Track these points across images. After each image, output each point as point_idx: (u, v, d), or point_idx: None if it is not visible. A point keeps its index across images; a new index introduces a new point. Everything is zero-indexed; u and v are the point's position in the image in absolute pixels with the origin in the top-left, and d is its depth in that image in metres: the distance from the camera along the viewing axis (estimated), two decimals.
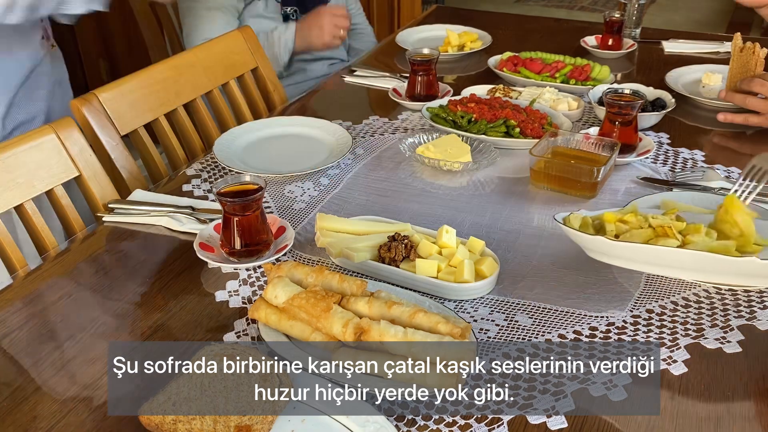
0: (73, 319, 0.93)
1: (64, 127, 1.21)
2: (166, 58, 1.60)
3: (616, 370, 0.83)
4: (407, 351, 0.75)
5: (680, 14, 5.25)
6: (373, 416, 0.73)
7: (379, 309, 0.82)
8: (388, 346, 0.77)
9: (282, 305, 0.83)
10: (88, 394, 0.80)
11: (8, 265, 1.11)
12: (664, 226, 0.96)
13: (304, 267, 0.88)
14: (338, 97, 1.72)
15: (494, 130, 1.37)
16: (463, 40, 1.96)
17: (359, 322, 0.79)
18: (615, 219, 1.00)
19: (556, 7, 5.59)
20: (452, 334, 0.77)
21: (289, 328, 0.83)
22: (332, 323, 0.79)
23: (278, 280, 0.85)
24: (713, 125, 1.50)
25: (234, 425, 0.71)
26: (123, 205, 1.19)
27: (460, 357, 0.74)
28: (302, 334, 0.82)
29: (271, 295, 0.84)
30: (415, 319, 0.80)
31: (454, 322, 0.79)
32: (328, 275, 0.87)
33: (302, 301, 0.81)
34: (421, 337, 0.76)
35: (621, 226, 0.99)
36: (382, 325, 0.78)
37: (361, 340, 0.79)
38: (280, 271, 0.88)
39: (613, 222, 1.00)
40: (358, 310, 0.82)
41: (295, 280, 0.87)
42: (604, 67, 1.67)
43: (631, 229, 0.98)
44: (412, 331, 0.77)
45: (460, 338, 0.77)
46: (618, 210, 1.04)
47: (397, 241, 0.98)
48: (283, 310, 0.83)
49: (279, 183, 1.27)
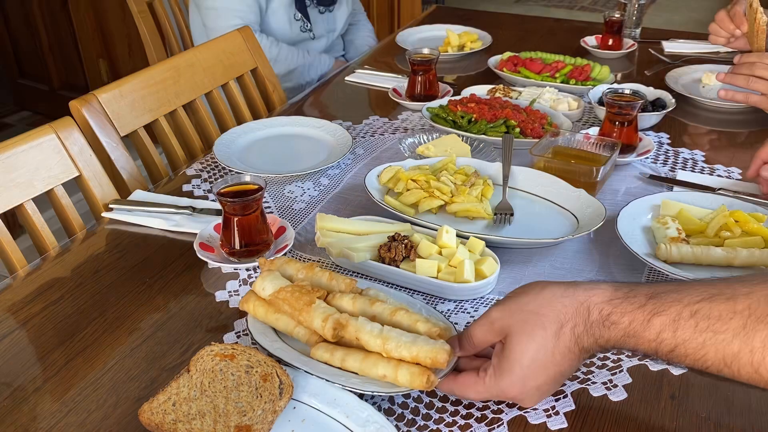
0: (73, 319, 0.93)
1: (64, 127, 1.21)
2: (166, 59, 1.60)
3: (616, 370, 0.83)
4: (381, 348, 0.75)
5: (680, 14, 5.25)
6: (373, 416, 0.73)
7: (362, 305, 0.81)
8: (364, 343, 0.76)
9: (268, 297, 0.82)
10: (88, 394, 0.80)
11: (8, 265, 1.11)
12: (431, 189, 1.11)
13: (296, 263, 0.88)
14: (338, 97, 1.72)
15: (494, 130, 1.37)
16: (463, 40, 1.96)
17: (338, 317, 0.78)
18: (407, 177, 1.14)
19: (556, 7, 5.59)
20: (430, 334, 0.76)
21: (274, 321, 0.83)
22: (313, 317, 0.78)
23: (268, 273, 0.85)
24: (713, 125, 1.51)
25: (234, 425, 0.71)
26: (123, 205, 1.19)
27: (434, 356, 0.72)
28: (287, 328, 0.82)
29: (259, 287, 0.83)
30: (395, 316, 0.79)
31: (435, 323, 0.78)
32: (318, 272, 0.86)
33: (287, 294, 0.81)
34: (397, 334, 0.75)
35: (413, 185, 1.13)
36: (359, 321, 0.77)
37: (340, 336, 0.78)
38: (272, 265, 0.88)
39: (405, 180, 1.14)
40: (342, 306, 0.82)
41: (287, 275, 0.87)
42: (604, 67, 1.67)
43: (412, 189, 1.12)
44: (388, 329, 0.76)
45: (437, 338, 0.76)
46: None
47: (397, 241, 0.98)
48: (269, 302, 0.83)
49: (279, 183, 1.27)
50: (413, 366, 0.74)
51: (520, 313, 0.71)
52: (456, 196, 1.12)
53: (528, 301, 0.72)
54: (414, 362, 0.74)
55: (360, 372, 0.76)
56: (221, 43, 1.65)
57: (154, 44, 2.22)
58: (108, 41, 3.43)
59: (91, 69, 3.55)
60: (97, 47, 3.46)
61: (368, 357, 0.76)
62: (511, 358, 0.71)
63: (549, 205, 1.15)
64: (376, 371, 0.75)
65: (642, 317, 0.66)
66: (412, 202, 1.12)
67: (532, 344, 0.70)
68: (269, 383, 0.75)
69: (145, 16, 2.18)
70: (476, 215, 1.11)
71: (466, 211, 1.11)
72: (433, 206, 1.11)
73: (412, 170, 1.18)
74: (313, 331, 0.80)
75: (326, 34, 2.16)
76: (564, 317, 0.69)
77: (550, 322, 0.70)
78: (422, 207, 1.11)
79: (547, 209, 1.15)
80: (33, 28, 3.61)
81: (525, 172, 1.20)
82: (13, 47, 3.79)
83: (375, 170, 1.19)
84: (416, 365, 0.74)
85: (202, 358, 0.77)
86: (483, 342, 0.75)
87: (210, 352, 0.78)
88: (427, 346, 0.73)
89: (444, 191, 1.12)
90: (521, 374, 0.71)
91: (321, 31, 2.14)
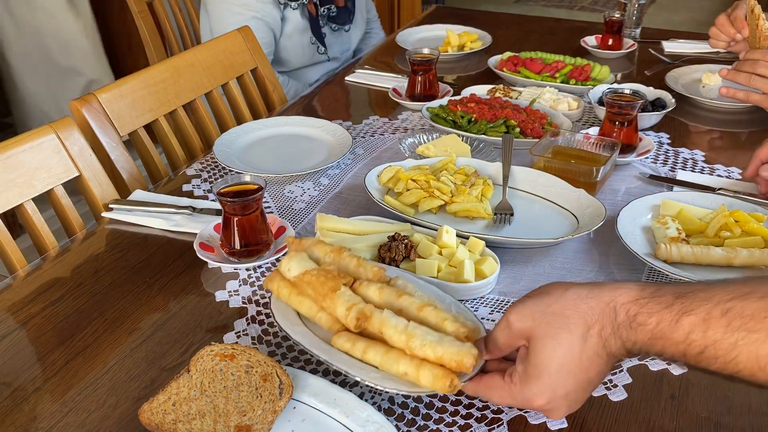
0: (73, 319, 0.93)
1: (64, 127, 1.21)
2: (166, 59, 1.60)
3: (616, 370, 0.83)
4: (405, 345, 0.71)
5: (680, 14, 5.25)
6: (373, 416, 0.73)
7: (389, 297, 0.77)
8: (387, 337, 0.73)
9: (293, 279, 0.79)
10: (88, 394, 0.80)
11: (8, 265, 1.11)
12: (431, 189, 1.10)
13: (325, 246, 0.84)
14: (338, 97, 1.72)
15: (494, 130, 1.37)
16: (463, 40, 1.96)
17: (363, 307, 0.74)
18: (407, 177, 1.15)
19: (556, 7, 5.59)
20: (457, 335, 0.72)
21: (298, 303, 0.80)
22: (337, 305, 0.75)
23: (295, 253, 0.81)
24: (713, 125, 1.51)
25: (234, 425, 0.71)
26: (123, 205, 1.19)
27: (459, 360, 0.68)
28: (309, 312, 0.79)
29: (285, 267, 0.80)
30: (422, 312, 0.75)
31: (464, 323, 0.74)
32: (346, 257, 0.83)
33: (312, 277, 0.77)
34: (422, 332, 0.71)
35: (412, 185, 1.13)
36: (384, 314, 0.73)
37: (363, 327, 0.74)
38: (300, 246, 0.85)
39: (405, 180, 1.14)
40: (367, 296, 0.78)
41: (314, 257, 0.84)
42: (604, 67, 1.67)
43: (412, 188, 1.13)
44: (414, 325, 0.72)
45: (465, 340, 0.72)
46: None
47: (397, 241, 0.98)
48: (294, 284, 0.80)
49: (279, 183, 1.27)
50: (437, 368, 0.70)
51: (543, 315, 0.67)
52: (456, 196, 1.12)
53: (551, 302, 0.68)
54: (438, 363, 0.70)
55: (381, 366, 0.73)
56: (221, 43, 1.65)
57: (154, 44, 2.22)
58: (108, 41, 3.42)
59: None
60: None
61: (390, 352, 0.72)
62: (537, 364, 0.67)
63: (549, 205, 1.15)
64: (397, 368, 0.71)
65: (670, 317, 0.63)
66: (412, 202, 1.12)
67: (559, 349, 0.66)
68: (269, 383, 0.75)
69: (145, 16, 2.18)
70: (476, 215, 1.11)
71: (466, 211, 1.11)
72: (433, 206, 1.11)
73: (412, 170, 1.18)
74: (335, 319, 0.76)
75: (340, 54, 2.15)
76: (590, 319, 0.66)
77: (576, 325, 0.66)
78: (422, 207, 1.11)
79: (547, 209, 1.15)
80: None
81: (525, 172, 1.20)
82: None
83: (375, 170, 1.19)
84: (440, 367, 0.70)
85: (202, 358, 0.77)
86: (507, 346, 0.71)
87: (210, 352, 0.78)
88: (453, 348, 0.69)
89: (444, 191, 1.12)
90: (549, 382, 0.67)
91: (336, 53, 2.12)
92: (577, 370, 0.66)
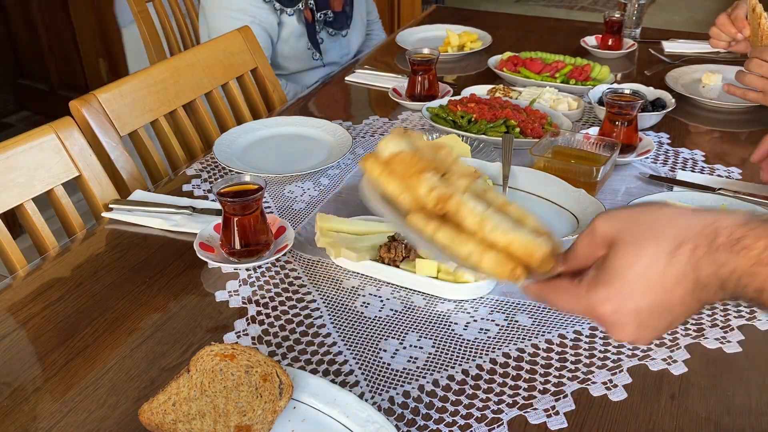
0: (73, 319, 0.93)
1: (64, 127, 1.21)
2: (166, 59, 1.60)
3: (616, 370, 0.83)
4: (478, 227, 0.66)
5: (680, 14, 5.25)
6: (373, 416, 0.73)
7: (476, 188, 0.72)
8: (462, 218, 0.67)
9: (386, 157, 0.75)
10: (88, 394, 0.80)
11: (8, 265, 1.11)
12: None
13: (426, 141, 0.79)
14: (338, 97, 1.72)
15: (494, 130, 1.37)
16: (463, 40, 1.96)
17: (445, 190, 0.69)
18: None
19: (556, 7, 5.59)
20: (537, 230, 0.67)
21: (385, 183, 0.75)
22: (419, 184, 0.70)
23: (396, 136, 0.77)
24: (713, 125, 1.51)
25: (234, 425, 0.71)
26: (123, 205, 1.19)
27: (529, 249, 0.62)
28: (394, 192, 0.74)
29: (383, 146, 0.76)
30: (506, 208, 0.69)
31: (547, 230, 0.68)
32: (444, 153, 0.77)
33: (405, 155, 0.73)
34: (499, 219, 0.65)
35: None
36: (464, 196, 0.68)
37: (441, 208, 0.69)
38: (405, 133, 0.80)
39: None
40: (455, 184, 0.73)
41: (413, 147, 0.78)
42: (604, 67, 1.67)
43: None
44: (492, 211, 0.66)
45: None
46: None
47: (397, 241, 0.98)
48: (385, 163, 0.75)
49: (279, 183, 1.27)
50: (503, 254, 0.64)
51: (633, 222, 0.60)
52: None
53: (644, 212, 0.61)
54: (506, 251, 0.64)
55: (449, 245, 0.67)
56: (221, 43, 1.65)
57: (154, 44, 2.22)
58: (108, 41, 3.42)
59: (91, 69, 3.55)
60: (97, 47, 3.46)
61: (461, 234, 0.68)
62: (611, 268, 0.59)
63: (549, 205, 1.15)
64: (464, 248, 0.66)
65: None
66: None
67: (642, 258, 0.58)
68: (269, 383, 0.75)
69: (145, 16, 2.18)
70: None
71: None
72: None
73: None
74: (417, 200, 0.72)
75: (340, 59, 2.13)
76: (685, 236, 0.57)
77: (666, 238, 0.57)
78: None
79: (547, 209, 1.15)
80: (33, 28, 3.61)
81: (525, 172, 1.20)
82: (13, 47, 3.79)
83: None
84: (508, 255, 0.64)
85: (202, 358, 0.77)
86: (585, 255, 0.63)
87: (210, 352, 0.78)
88: (526, 237, 0.63)
89: None
90: (621, 289, 0.58)
91: (334, 57, 2.10)
92: (658, 286, 0.58)
